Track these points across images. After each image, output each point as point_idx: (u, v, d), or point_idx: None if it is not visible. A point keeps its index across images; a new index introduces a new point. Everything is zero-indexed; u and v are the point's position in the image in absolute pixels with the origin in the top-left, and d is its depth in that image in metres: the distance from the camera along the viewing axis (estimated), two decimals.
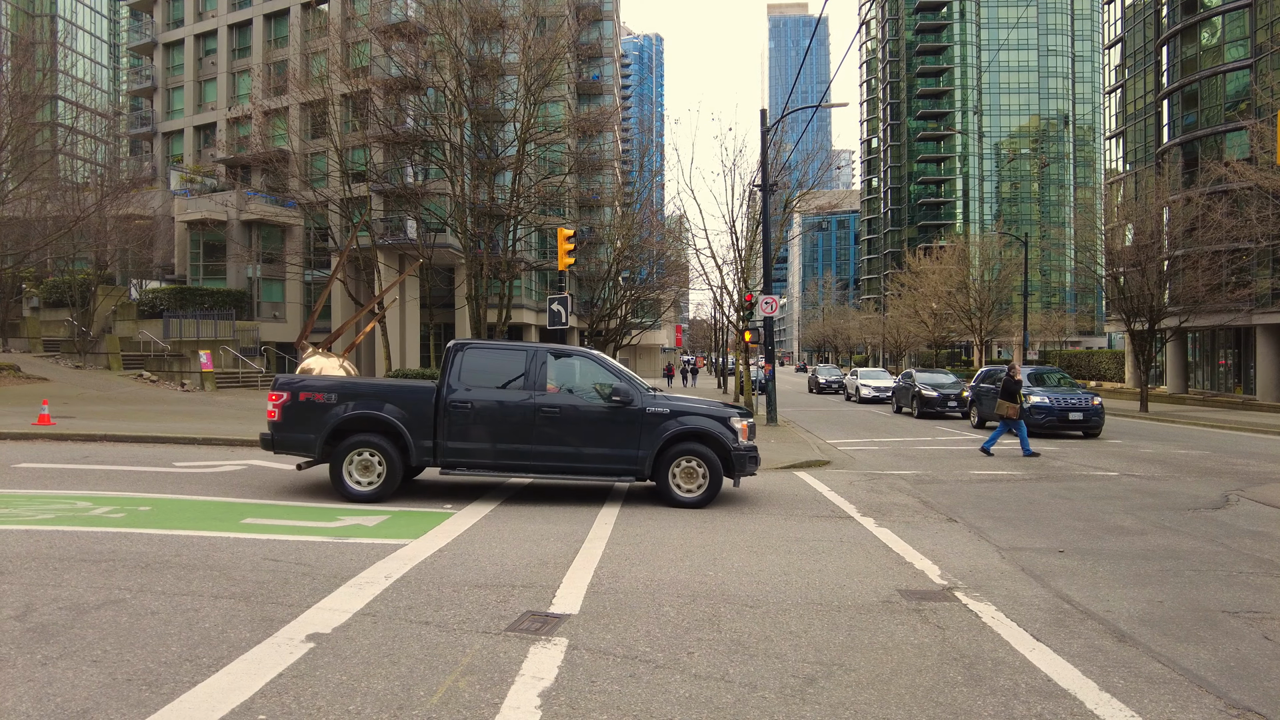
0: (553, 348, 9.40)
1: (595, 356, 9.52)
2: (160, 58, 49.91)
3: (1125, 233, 34.53)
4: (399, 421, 8.75)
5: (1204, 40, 43.75)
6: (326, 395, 8.84)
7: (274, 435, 8.92)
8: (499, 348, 9.53)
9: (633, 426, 8.98)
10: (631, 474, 9.03)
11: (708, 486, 9.02)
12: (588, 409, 9.03)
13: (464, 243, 31.97)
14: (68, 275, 36.69)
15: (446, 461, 8.90)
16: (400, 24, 35.93)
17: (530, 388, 9.03)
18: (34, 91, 25.66)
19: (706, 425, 9.10)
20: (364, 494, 8.64)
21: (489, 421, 8.89)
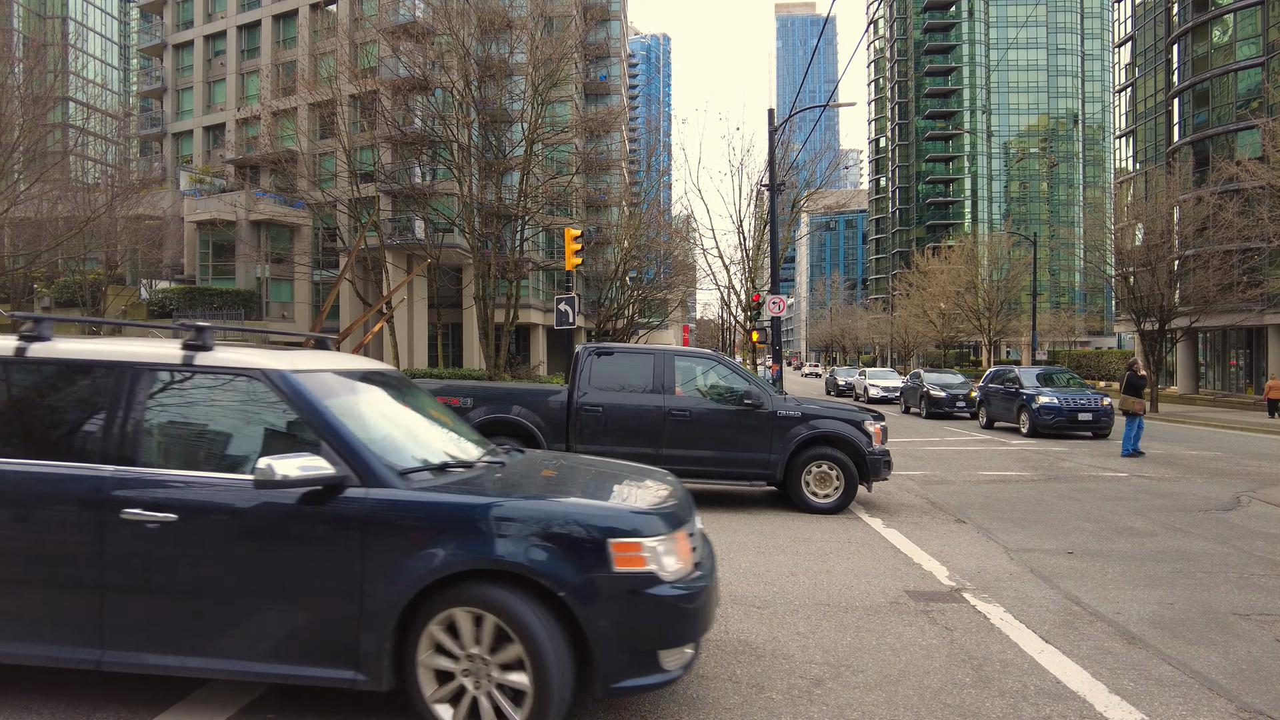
0: (680, 350, 9.44)
1: (722, 359, 9.45)
2: (170, 59, 50.20)
3: (1135, 232, 34.34)
4: (533, 425, 8.81)
5: (1215, 38, 43.47)
6: (463, 399, 8.92)
7: None
8: (627, 351, 9.58)
9: (763, 430, 8.87)
10: (762, 478, 8.94)
11: (843, 492, 8.85)
12: (718, 412, 8.96)
13: (472, 243, 32.04)
14: (78, 275, 36.92)
15: None
16: (408, 24, 36.04)
17: (660, 391, 9.01)
18: (46, 93, 25.82)
19: (840, 429, 8.91)
20: None
21: (620, 425, 8.91)
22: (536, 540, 3.32)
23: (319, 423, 3.50)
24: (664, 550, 3.41)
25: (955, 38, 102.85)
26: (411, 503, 3.40)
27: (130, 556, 3.38)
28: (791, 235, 39.45)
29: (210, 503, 3.42)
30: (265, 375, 3.57)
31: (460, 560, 3.28)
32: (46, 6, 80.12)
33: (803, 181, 37.28)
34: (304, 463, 3.25)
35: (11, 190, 24.20)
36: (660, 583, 3.37)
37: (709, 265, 41.67)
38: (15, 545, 3.46)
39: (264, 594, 3.37)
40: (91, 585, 3.39)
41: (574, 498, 3.71)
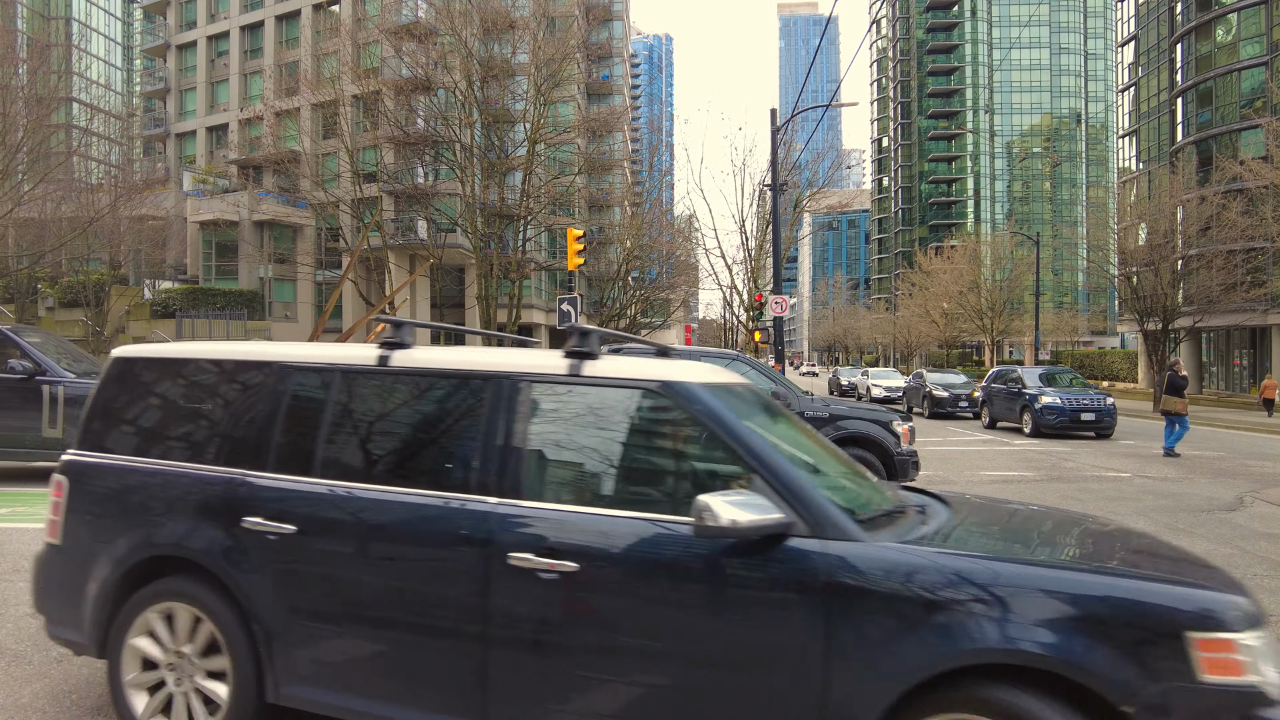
0: (700, 350, 9.14)
1: (746, 359, 9.21)
2: (173, 59, 50.33)
3: (1138, 232, 34.29)
4: None
5: (1219, 37, 43.41)
6: None
7: None
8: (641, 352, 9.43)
9: None
10: None
11: None
12: None
13: (474, 243, 32.08)
14: (82, 275, 37.01)
15: None
16: (411, 25, 36.09)
17: None
18: (49, 94, 25.90)
19: (868, 429, 8.74)
20: None
21: None
22: (1079, 626, 2.35)
23: (746, 450, 2.75)
24: (1264, 651, 2.33)
25: (958, 37, 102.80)
26: (897, 563, 2.53)
27: (519, 610, 2.75)
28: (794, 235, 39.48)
29: (619, 550, 2.72)
30: (669, 388, 2.88)
31: (970, 648, 2.35)
32: (50, 7, 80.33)
33: (805, 181, 37.30)
34: (748, 503, 2.52)
35: (16, 191, 24.26)
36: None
37: (711, 265, 41.72)
38: (378, 588, 2.94)
39: (679, 668, 2.64)
40: (471, 640, 2.80)
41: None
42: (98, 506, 3.44)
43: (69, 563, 3.41)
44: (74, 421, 8.81)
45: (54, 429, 8.83)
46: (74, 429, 8.64)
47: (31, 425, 8.77)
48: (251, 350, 3.42)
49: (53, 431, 8.84)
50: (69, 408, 8.83)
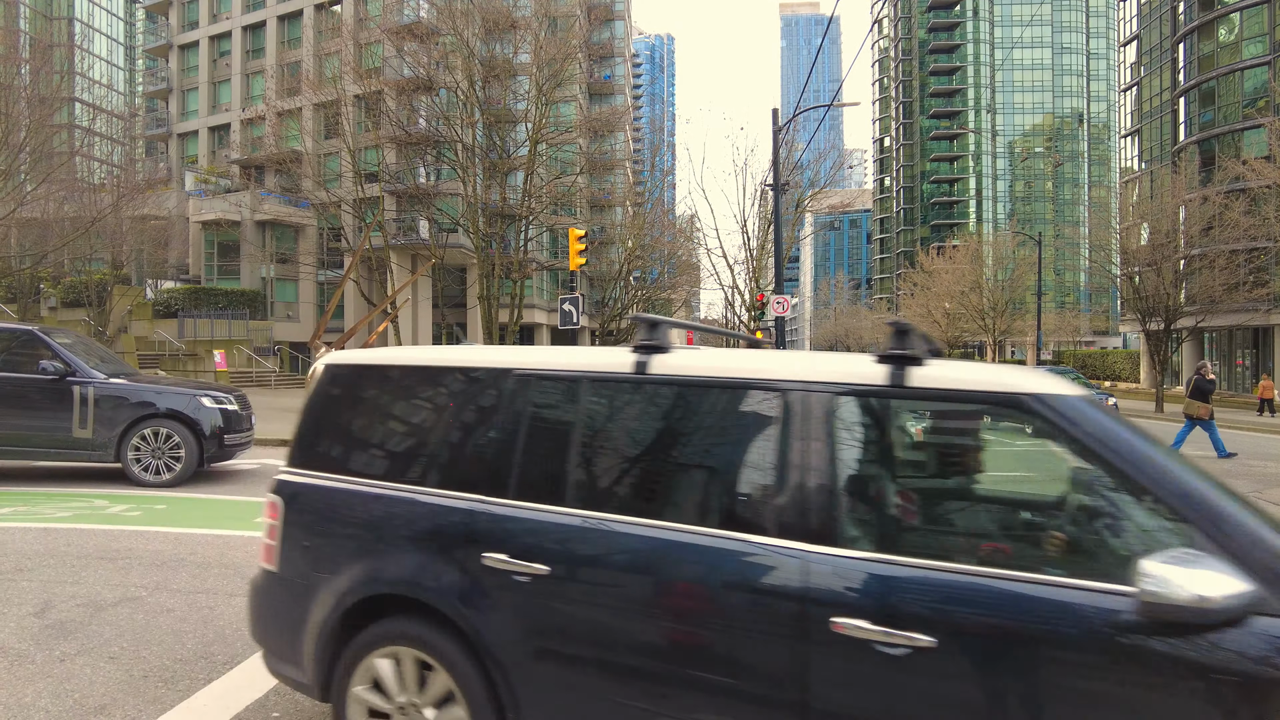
0: None
1: None
2: (175, 59, 50.37)
3: (1141, 232, 34.25)
4: None
5: (1221, 37, 43.34)
6: None
7: None
8: None
9: None
10: None
11: None
12: None
13: (476, 243, 32.11)
14: (84, 275, 37.06)
15: None
16: (412, 25, 36.11)
17: None
18: (52, 94, 25.94)
19: None
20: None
21: None
22: None
23: (1173, 490, 2.04)
24: None
25: (960, 37, 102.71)
26: None
27: (848, 692, 2.17)
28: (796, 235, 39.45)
29: (997, 623, 2.03)
30: (1043, 403, 2.23)
31: None
32: (53, 8, 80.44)
33: (807, 181, 37.28)
34: (1201, 568, 1.87)
35: (18, 191, 24.31)
36: None
37: (713, 265, 41.73)
38: (646, 643, 2.43)
39: None
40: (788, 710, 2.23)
41: None
42: (315, 533, 3.05)
43: (286, 593, 3.05)
44: (104, 422, 8.95)
45: (84, 429, 8.95)
46: (104, 429, 8.67)
47: (62, 425, 8.91)
48: (484, 357, 3.00)
49: (83, 432, 8.95)
50: (99, 408, 8.97)
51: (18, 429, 8.91)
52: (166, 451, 9.08)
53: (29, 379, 8.93)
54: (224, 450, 9.54)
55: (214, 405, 9.41)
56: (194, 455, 9.13)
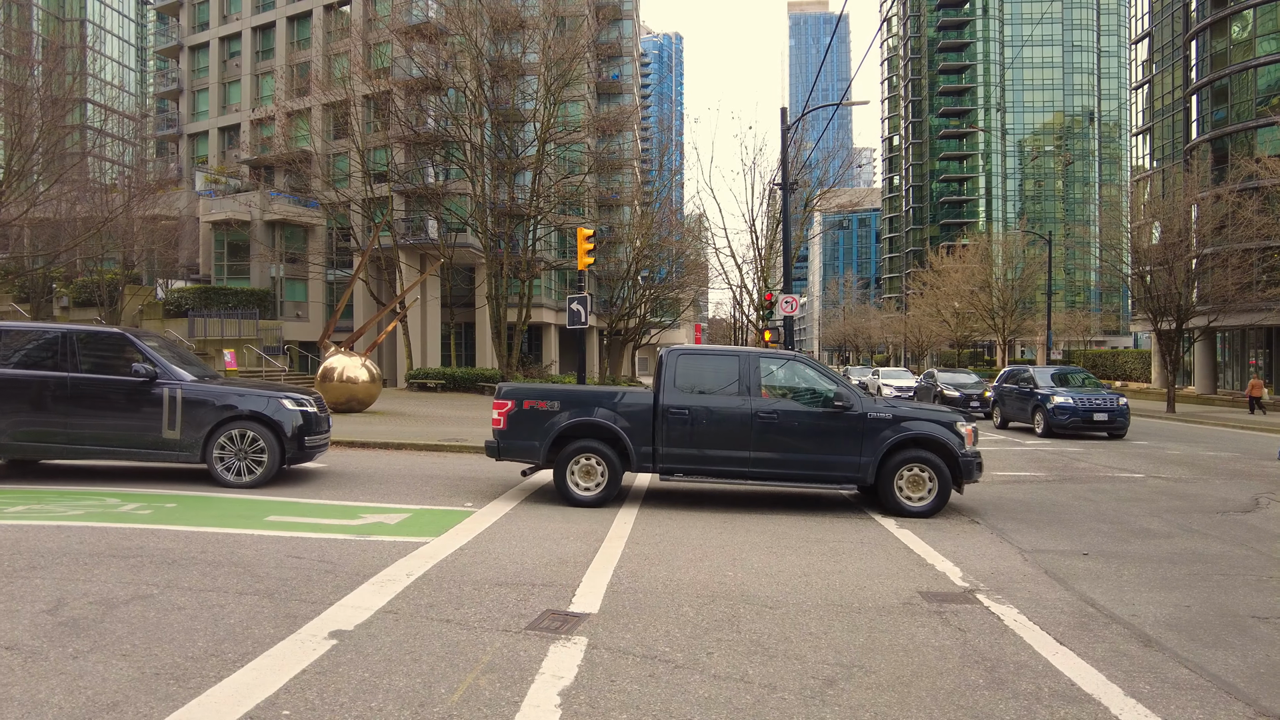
0: (763, 351, 9.37)
1: (808, 360, 9.38)
2: (186, 60, 50.65)
3: (1152, 231, 34.02)
4: (620, 428, 8.83)
5: (1234, 34, 42.98)
6: (550, 403, 8.96)
7: (500, 443, 9.05)
8: (711, 353, 9.52)
9: (853, 432, 8.74)
10: (853, 481, 8.81)
11: (936, 495, 8.74)
12: (806, 414, 8.83)
13: (484, 242, 32.16)
14: (96, 275, 37.30)
15: (664, 467, 8.87)
16: (421, 25, 36.19)
17: (745, 393, 8.91)
18: (64, 95, 26.09)
19: (933, 431, 8.77)
20: (587, 499, 8.75)
21: (707, 428, 8.84)
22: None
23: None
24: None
25: (969, 35, 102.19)
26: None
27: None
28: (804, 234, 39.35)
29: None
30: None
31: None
32: (65, 9, 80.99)
33: (815, 180, 37.19)
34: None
35: (31, 191, 24.47)
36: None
37: (721, 264, 41.69)
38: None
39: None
40: None
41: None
42: None
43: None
44: (190, 424, 9.07)
45: (173, 430, 9.07)
46: (190, 431, 8.87)
47: (152, 426, 9.06)
48: None
49: (171, 433, 9.07)
50: (186, 410, 9.08)
51: (110, 429, 9.12)
52: (250, 453, 9.17)
53: (121, 381, 9.13)
54: (304, 452, 9.59)
55: (295, 407, 9.49)
56: (276, 457, 9.20)
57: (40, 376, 9.06)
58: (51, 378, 9.06)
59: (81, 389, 9.09)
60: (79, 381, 9.10)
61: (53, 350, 9.20)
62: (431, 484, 10.00)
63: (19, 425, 8.99)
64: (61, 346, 9.22)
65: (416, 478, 10.44)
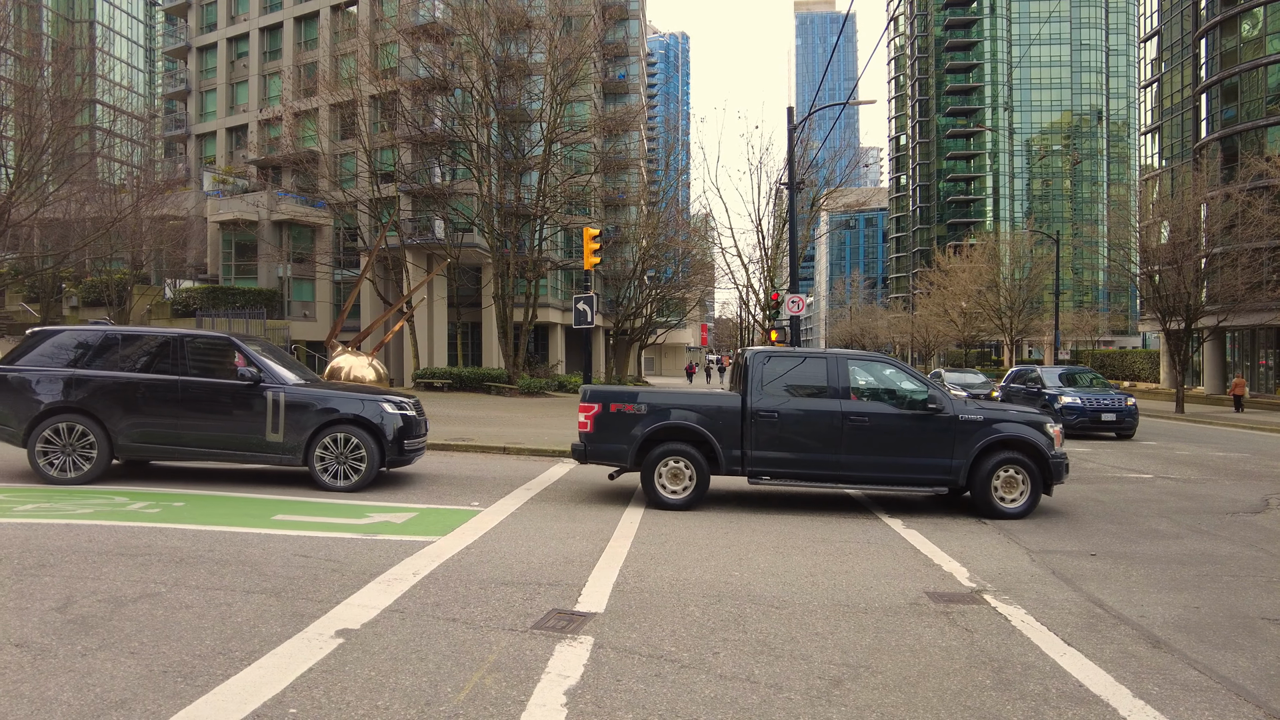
0: (852, 353, 9.34)
1: (896, 363, 9.36)
2: (194, 61, 50.84)
3: (1161, 230, 33.84)
4: (708, 431, 8.81)
5: (1244, 32, 42.73)
6: (637, 406, 8.95)
7: (586, 446, 9.04)
8: (799, 355, 9.46)
9: (945, 434, 8.71)
10: (944, 484, 8.79)
11: (1029, 496, 8.74)
12: (897, 417, 8.79)
13: (491, 242, 32.20)
14: (105, 275, 37.52)
15: (754, 471, 8.85)
16: (428, 25, 36.24)
17: (835, 395, 8.86)
18: (74, 96, 26.25)
19: (1024, 432, 8.77)
20: (676, 502, 8.74)
21: (796, 431, 8.81)
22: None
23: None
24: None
25: (977, 34, 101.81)
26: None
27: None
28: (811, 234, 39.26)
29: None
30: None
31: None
32: (74, 11, 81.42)
33: (822, 180, 37.10)
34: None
35: (41, 192, 24.61)
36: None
37: (727, 264, 41.56)
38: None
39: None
40: None
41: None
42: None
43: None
44: (293, 427, 9.11)
45: (276, 433, 9.13)
46: (293, 434, 8.96)
47: (256, 429, 9.15)
48: None
49: (275, 436, 9.13)
50: (289, 413, 9.14)
51: (216, 431, 9.22)
52: (350, 457, 9.17)
53: (227, 384, 9.26)
54: (403, 455, 9.56)
55: (395, 411, 9.48)
56: (375, 460, 9.19)
57: (154, 379, 9.25)
58: (163, 381, 9.24)
59: (190, 392, 9.23)
60: (188, 385, 9.25)
61: (164, 354, 9.39)
62: (438, 483, 10.02)
63: (135, 426, 9.16)
64: (172, 350, 9.40)
65: (423, 477, 10.47)
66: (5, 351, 24.70)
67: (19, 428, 9.13)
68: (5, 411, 9.23)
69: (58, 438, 9.06)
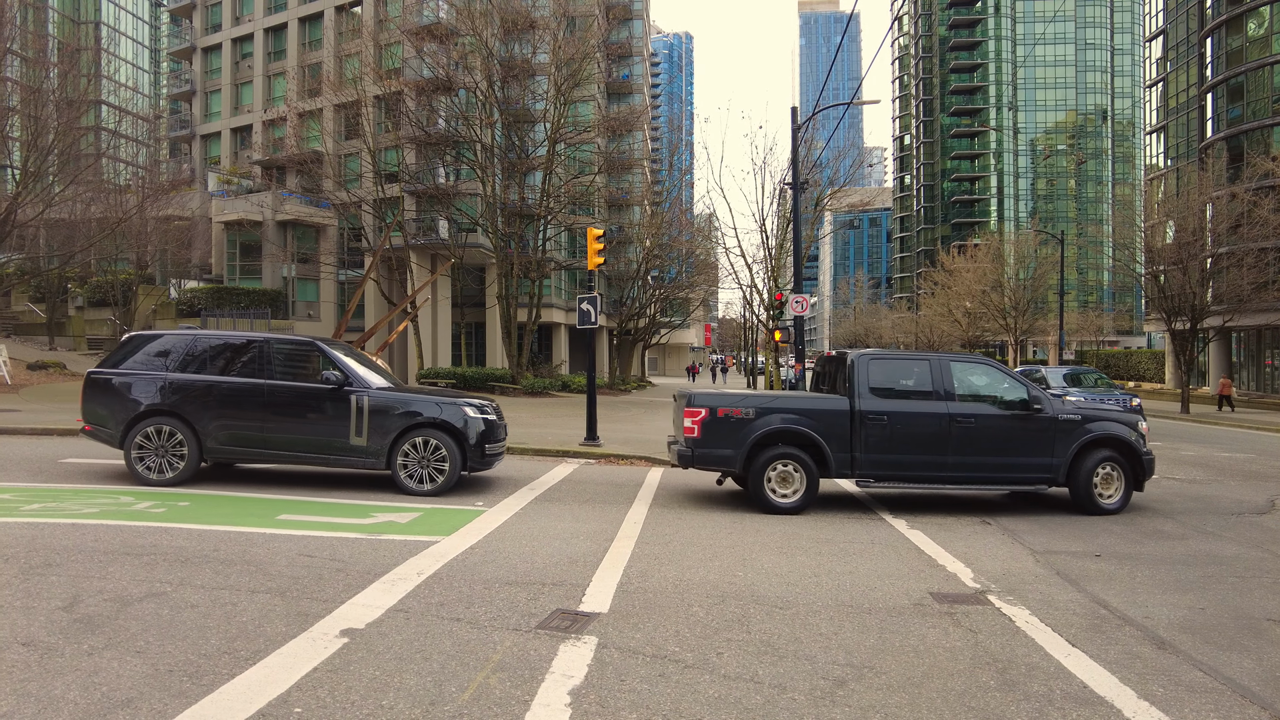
0: (953, 356, 9.45)
1: (995, 364, 9.46)
2: (199, 62, 50.98)
3: (1166, 230, 33.73)
4: (818, 435, 8.82)
5: (1250, 31, 42.57)
6: (745, 410, 8.94)
7: (693, 451, 8.95)
8: (902, 357, 9.58)
9: (1045, 433, 8.92)
10: (1045, 482, 9.01)
11: (1124, 492, 9.05)
12: (1000, 417, 8.94)
13: (495, 242, 32.22)
14: (110, 275, 37.63)
15: (863, 474, 8.91)
16: (432, 25, 36.29)
17: (940, 397, 8.98)
18: (79, 97, 26.33)
19: (1118, 431, 9.06)
20: (786, 505, 8.74)
21: (905, 433, 8.88)
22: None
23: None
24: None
25: (981, 34, 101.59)
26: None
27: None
28: (815, 233, 39.22)
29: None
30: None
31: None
32: (80, 12, 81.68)
33: (826, 179, 37.07)
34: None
35: (47, 192, 24.70)
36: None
37: (731, 264, 41.54)
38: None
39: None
40: None
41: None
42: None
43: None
44: (377, 430, 9.10)
45: (360, 437, 9.13)
46: (377, 437, 8.94)
47: (341, 433, 9.15)
48: None
49: (359, 439, 9.13)
50: (373, 417, 9.13)
51: (302, 434, 9.22)
52: (432, 461, 9.14)
53: (313, 388, 9.29)
54: (485, 460, 9.51)
55: (478, 414, 9.43)
56: (457, 464, 9.14)
57: (241, 383, 9.31)
58: (250, 384, 9.29)
59: (277, 395, 9.26)
60: (275, 389, 9.28)
61: (250, 358, 9.45)
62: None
63: (224, 429, 9.22)
64: (258, 354, 9.45)
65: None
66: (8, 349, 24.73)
67: (116, 429, 9.26)
68: (104, 414, 9.37)
69: (149, 441, 9.14)
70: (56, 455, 11.37)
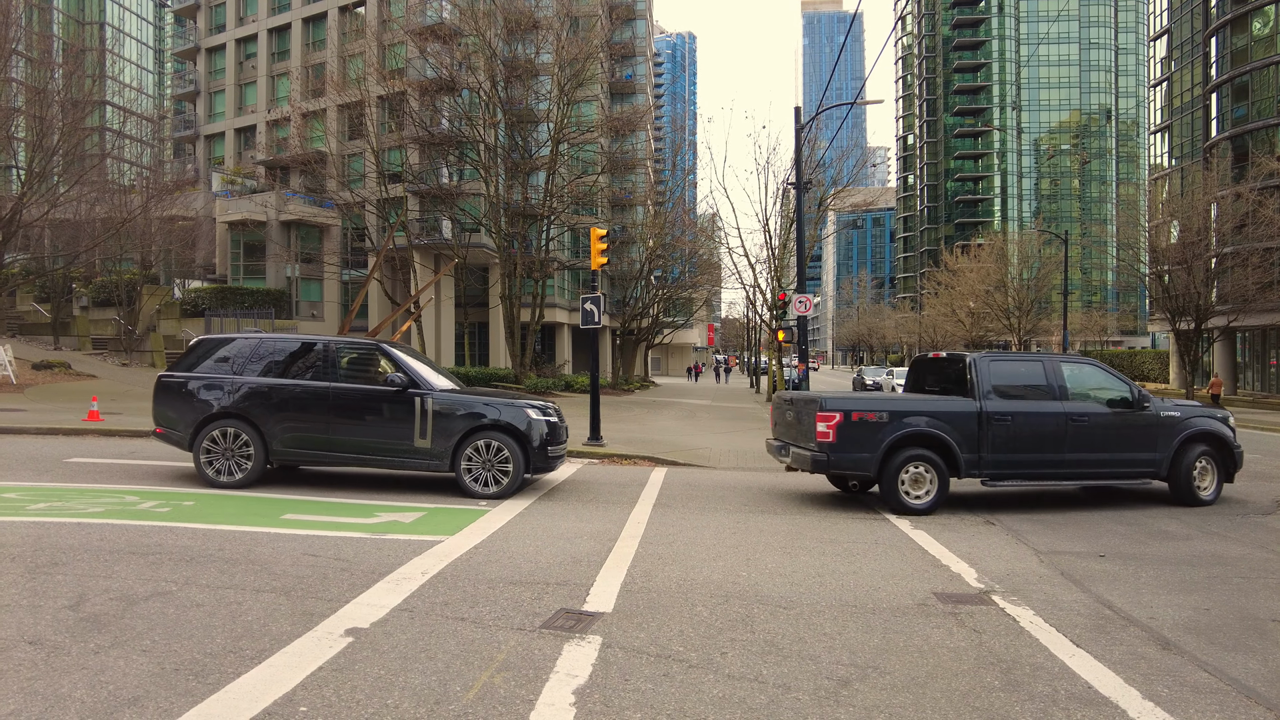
0: (1061, 356, 9.78)
1: (1099, 364, 9.81)
2: (203, 62, 51.10)
3: (1170, 229, 33.66)
4: (949, 437, 8.94)
5: (1255, 30, 42.45)
6: (879, 414, 8.98)
7: (829, 456, 8.95)
8: (1018, 359, 9.89)
9: (1150, 430, 9.45)
10: (1150, 476, 9.51)
11: (1217, 485, 9.70)
12: (1110, 415, 9.39)
13: (498, 242, 32.25)
14: (115, 275, 37.73)
15: (989, 473, 9.09)
16: (435, 26, 36.33)
17: (1055, 396, 9.34)
18: (84, 98, 26.42)
19: (1214, 426, 9.76)
20: (919, 507, 8.83)
21: (1028, 433, 9.16)
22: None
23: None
24: None
25: (985, 33, 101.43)
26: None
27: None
28: (818, 233, 39.21)
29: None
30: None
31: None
32: (85, 13, 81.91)
33: (829, 179, 37.06)
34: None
35: (52, 193, 24.79)
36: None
37: (734, 264, 41.51)
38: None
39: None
40: None
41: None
42: None
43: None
44: (441, 433, 9.08)
45: (424, 439, 9.10)
46: (441, 440, 8.88)
47: (405, 435, 9.13)
48: None
49: (423, 442, 9.10)
50: (437, 419, 9.10)
51: (366, 437, 9.22)
52: (495, 464, 9.11)
53: (376, 390, 9.28)
54: (548, 462, 9.47)
55: (540, 417, 9.39)
56: (520, 467, 9.09)
57: (305, 386, 9.33)
58: (314, 387, 9.30)
59: (341, 398, 9.25)
60: (339, 391, 9.27)
61: (314, 360, 9.51)
62: (446, 483, 10.05)
63: (289, 431, 9.23)
64: (322, 357, 9.48)
65: (431, 477, 10.49)
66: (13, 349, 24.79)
67: (186, 432, 9.32)
68: (174, 417, 9.44)
69: (215, 444, 9.18)
70: (62, 455, 11.41)
